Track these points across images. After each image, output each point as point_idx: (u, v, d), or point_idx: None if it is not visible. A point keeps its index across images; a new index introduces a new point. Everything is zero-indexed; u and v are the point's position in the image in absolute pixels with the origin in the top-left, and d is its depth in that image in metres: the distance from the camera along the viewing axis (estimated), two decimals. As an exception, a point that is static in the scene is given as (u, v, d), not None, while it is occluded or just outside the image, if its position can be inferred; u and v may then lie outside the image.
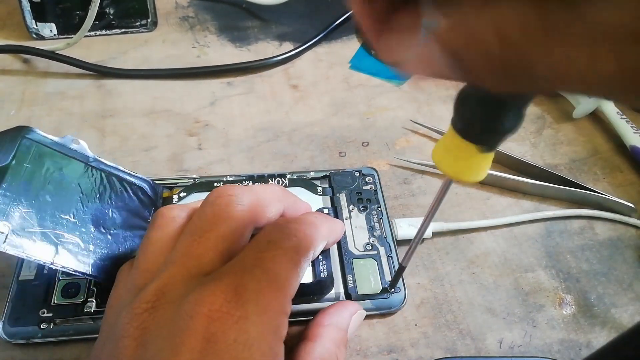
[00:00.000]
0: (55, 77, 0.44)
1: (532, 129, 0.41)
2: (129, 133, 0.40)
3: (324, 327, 0.25)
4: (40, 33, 0.47)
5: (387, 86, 0.44)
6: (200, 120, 0.41)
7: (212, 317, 0.19)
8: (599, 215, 0.35)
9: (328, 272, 0.29)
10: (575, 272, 0.33)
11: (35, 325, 0.27)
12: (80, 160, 0.29)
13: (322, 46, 0.48)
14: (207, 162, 0.38)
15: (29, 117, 0.40)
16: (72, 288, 0.28)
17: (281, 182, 0.34)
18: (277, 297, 0.21)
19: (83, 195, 0.28)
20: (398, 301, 0.30)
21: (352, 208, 0.34)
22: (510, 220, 0.34)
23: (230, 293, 0.20)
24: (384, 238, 0.32)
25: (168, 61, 0.46)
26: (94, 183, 0.29)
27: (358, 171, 0.36)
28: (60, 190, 0.27)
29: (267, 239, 0.23)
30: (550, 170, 0.37)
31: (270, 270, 0.21)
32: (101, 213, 0.28)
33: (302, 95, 0.43)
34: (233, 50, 0.47)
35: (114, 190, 0.30)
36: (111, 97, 0.42)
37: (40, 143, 0.27)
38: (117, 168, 0.30)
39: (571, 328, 0.30)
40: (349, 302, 0.28)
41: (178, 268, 0.22)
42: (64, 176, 0.27)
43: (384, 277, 0.30)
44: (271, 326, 0.20)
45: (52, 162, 0.27)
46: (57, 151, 0.28)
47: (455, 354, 0.29)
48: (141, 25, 0.48)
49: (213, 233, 0.23)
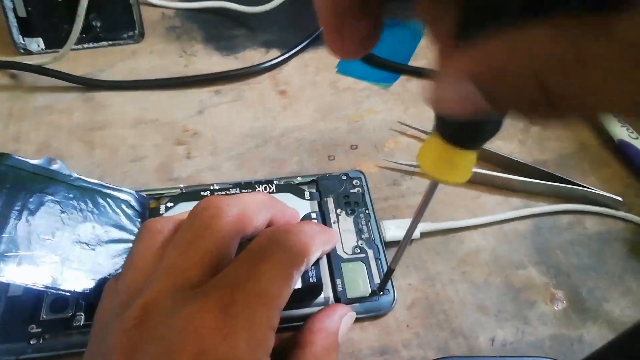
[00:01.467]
0: (43, 91, 0.44)
1: (520, 126, 0.41)
2: (118, 144, 0.40)
3: (314, 332, 0.25)
4: (27, 48, 0.47)
5: (374, 89, 0.45)
6: (188, 129, 0.41)
7: (201, 333, 0.19)
8: (587, 209, 0.35)
9: (317, 277, 0.29)
10: (565, 267, 0.33)
11: (24, 342, 0.27)
12: (59, 180, 0.29)
13: (308, 52, 0.48)
14: (196, 170, 0.38)
15: (17, 132, 0.40)
16: (60, 303, 0.28)
17: (268, 188, 0.34)
18: (266, 312, 0.21)
19: (64, 214, 0.28)
20: (387, 303, 0.30)
21: (339, 212, 0.34)
22: (498, 218, 0.35)
23: (219, 308, 0.19)
24: (372, 241, 0.32)
25: (156, 72, 0.46)
26: (75, 201, 0.29)
27: (345, 174, 0.36)
28: (41, 212, 0.27)
29: (260, 250, 0.22)
30: (538, 167, 0.37)
31: (261, 284, 0.21)
32: (84, 230, 0.28)
33: (290, 101, 0.44)
34: (220, 58, 0.48)
35: (97, 206, 0.30)
36: (99, 110, 0.42)
37: (18, 168, 0.27)
38: (100, 184, 0.31)
39: (563, 323, 0.30)
40: (338, 305, 0.28)
41: (164, 282, 0.21)
42: (44, 197, 0.27)
43: (373, 279, 0.30)
44: (259, 341, 0.20)
45: (31, 185, 0.27)
46: (36, 174, 0.28)
47: (447, 353, 0.29)
48: (128, 36, 0.49)
49: (199, 246, 0.22)
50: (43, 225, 0.27)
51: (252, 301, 0.20)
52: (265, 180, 0.35)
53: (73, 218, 0.28)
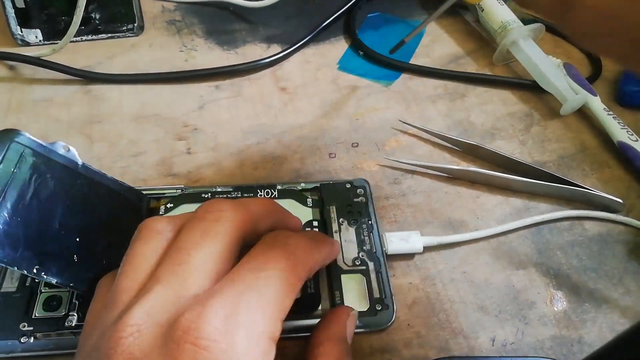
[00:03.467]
0: (42, 83, 0.43)
1: (521, 127, 0.42)
2: (117, 138, 0.39)
3: (322, 345, 0.24)
4: (25, 39, 0.46)
5: (376, 87, 0.45)
6: (188, 125, 0.41)
7: (200, 345, 0.18)
8: (587, 215, 0.35)
9: (315, 288, 0.28)
10: (565, 268, 0.33)
11: (15, 339, 0.27)
12: (69, 167, 0.28)
13: (310, 48, 0.48)
14: (196, 166, 0.38)
15: (16, 125, 0.39)
16: (54, 301, 0.28)
17: (270, 193, 0.34)
18: (268, 323, 0.20)
19: (70, 203, 0.27)
20: (387, 319, 0.29)
21: (342, 221, 0.33)
22: (501, 230, 0.34)
23: (220, 319, 0.19)
24: (374, 252, 0.31)
25: (155, 65, 0.45)
26: (81, 192, 0.28)
27: (349, 182, 0.35)
28: (47, 198, 0.26)
29: (263, 257, 0.22)
30: (539, 168, 0.37)
31: (264, 293, 0.20)
32: (86, 223, 0.28)
33: (290, 97, 0.43)
34: (221, 53, 0.47)
35: (101, 199, 0.29)
36: (98, 103, 0.42)
37: (29, 147, 0.26)
38: (105, 176, 0.30)
39: (563, 324, 0.30)
40: (338, 309, 0.27)
41: (164, 288, 0.20)
42: (52, 183, 0.27)
43: (372, 293, 0.30)
44: (261, 354, 0.19)
45: (40, 167, 0.26)
46: (47, 157, 0.27)
47: (448, 353, 0.29)
48: (128, 29, 0.48)
49: (201, 251, 0.22)
50: (49, 212, 0.26)
51: (254, 313, 0.20)
52: (268, 185, 0.35)
53: (78, 209, 0.27)
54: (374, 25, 0.51)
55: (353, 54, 0.48)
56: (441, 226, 0.35)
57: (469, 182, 0.37)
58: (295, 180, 0.36)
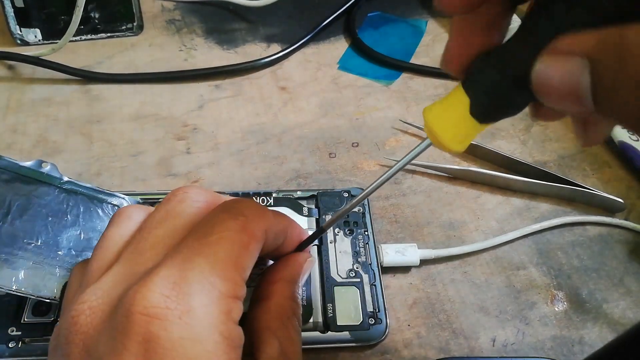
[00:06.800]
0: (41, 83, 0.43)
1: (521, 127, 0.41)
2: (117, 138, 0.39)
3: (275, 283, 0.24)
4: (24, 39, 0.46)
5: (376, 86, 0.44)
6: (188, 124, 0.41)
7: (149, 315, 0.18)
8: (588, 220, 0.35)
9: (307, 299, 0.28)
10: (566, 268, 0.33)
11: (3, 344, 0.27)
12: (49, 183, 0.28)
13: (310, 47, 0.48)
14: (196, 166, 0.38)
15: (14, 125, 0.40)
16: (43, 306, 0.28)
17: (266, 200, 0.34)
18: (226, 284, 0.19)
19: (51, 218, 0.28)
20: (379, 333, 0.29)
21: (337, 231, 0.32)
22: (499, 241, 0.33)
23: (169, 286, 0.18)
24: (369, 265, 0.31)
25: (155, 65, 0.45)
26: (63, 205, 0.28)
27: (347, 192, 0.35)
28: (27, 215, 0.27)
29: (210, 223, 0.21)
30: (539, 167, 0.37)
31: (215, 255, 0.20)
32: (71, 235, 0.28)
33: (290, 97, 0.43)
34: (220, 52, 0.47)
35: (87, 211, 0.29)
36: (98, 103, 0.42)
37: (7, 170, 0.27)
38: (92, 188, 0.30)
39: (563, 325, 0.30)
40: (297, 254, 0.26)
41: (121, 266, 0.20)
42: (32, 200, 0.27)
43: (366, 307, 0.29)
44: (222, 313, 0.19)
45: (19, 187, 0.27)
46: (25, 176, 0.27)
47: (448, 353, 0.29)
48: (127, 29, 0.48)
49: (161, 229, 0.22)
50: (29, 228, 0.26)
51: (207, 274, 0.19)
52: (264, 192, 0.34)
53: (60, 223, 0.28)
54: (374, 24, 0.51)
55: (353, 53, 0.48)
56: (441, 226, 0.35)
57: (469, 182, 0.37)
58: (293, 188, 0.36)
